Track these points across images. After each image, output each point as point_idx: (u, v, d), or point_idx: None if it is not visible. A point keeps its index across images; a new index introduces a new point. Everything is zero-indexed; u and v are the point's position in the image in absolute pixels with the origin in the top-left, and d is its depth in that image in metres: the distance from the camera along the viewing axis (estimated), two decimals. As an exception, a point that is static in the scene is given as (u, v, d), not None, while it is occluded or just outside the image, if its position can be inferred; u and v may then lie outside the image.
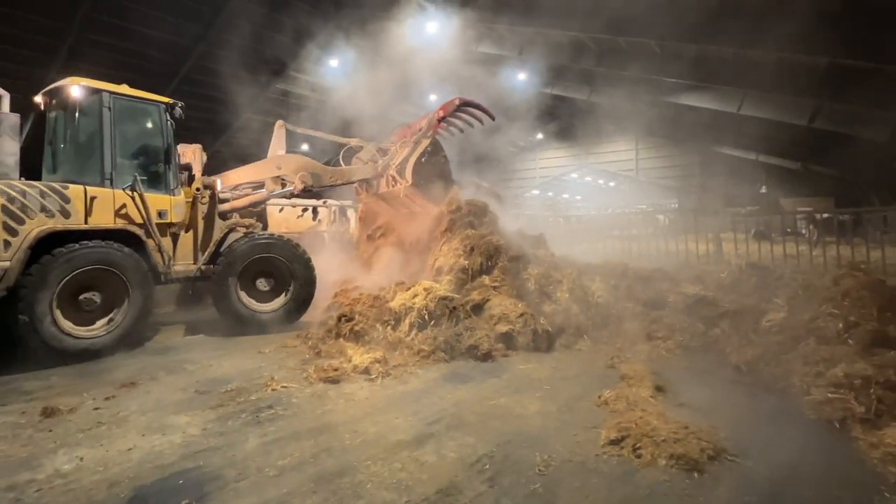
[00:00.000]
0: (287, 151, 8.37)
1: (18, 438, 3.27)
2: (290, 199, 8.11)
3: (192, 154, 7.56)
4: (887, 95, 12.74)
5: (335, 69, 20.11)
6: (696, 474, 2.64)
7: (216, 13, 17.20)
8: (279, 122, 7.97)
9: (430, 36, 15.72)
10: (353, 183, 8.45)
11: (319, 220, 14.04)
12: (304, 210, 14.10)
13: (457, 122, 8.22)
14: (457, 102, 7.88)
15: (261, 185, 7.27)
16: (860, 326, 4.04)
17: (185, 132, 6.31)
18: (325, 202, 13.95)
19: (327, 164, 8.35)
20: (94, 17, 15.43)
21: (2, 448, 3.13)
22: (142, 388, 4.28)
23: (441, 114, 7.77)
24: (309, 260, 6.87)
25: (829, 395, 3.44)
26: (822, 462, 2.82)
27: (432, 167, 7.63)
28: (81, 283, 5.18)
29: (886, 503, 2.40)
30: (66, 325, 5.08)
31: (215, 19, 17.42)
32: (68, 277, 5.02)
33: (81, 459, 2.95)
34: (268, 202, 7.95)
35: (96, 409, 3.78)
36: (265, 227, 13.94)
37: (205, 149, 7.73)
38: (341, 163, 8.38)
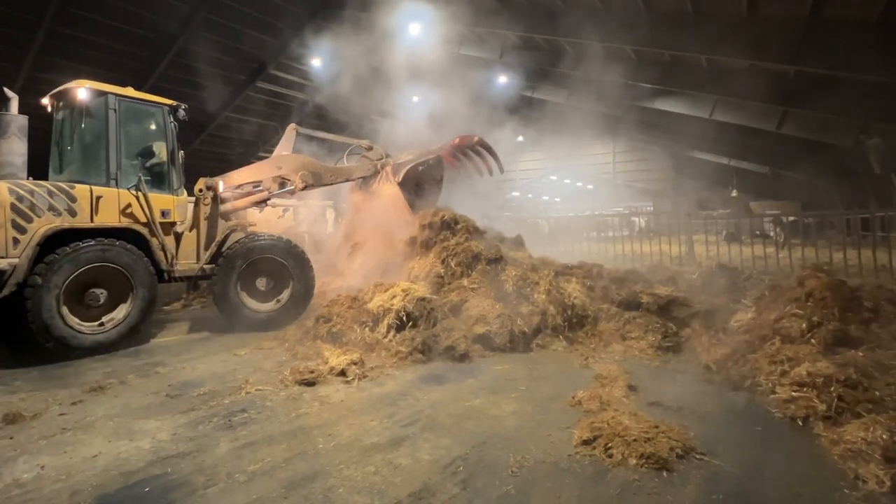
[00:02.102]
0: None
1: (-25, 447, 3.14)
2: (291, 196, 8.02)
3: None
4: (851, 103, 13.25)
5: (316, 68, 19.90)
6: (665, 473, 2.69)
7: (193, 9, 16.80)
8: (292, 125, 8.07)
9: (412, 38, 15.68)
10: (352, 181, 8.42)
11: (300, 221, 13.86)
12: (285, 210, 13.90)
13: (466, 159, 8.30)
14: (475, 139, 8.02)
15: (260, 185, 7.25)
16: (823, 326, 4.20)
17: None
18: (305, 202, 13.78)
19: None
20: (66, 11, 14.89)
21: (-43, 457, 3.00)
22: (110, 392, 4.16)
23: (457, 142, 7.91)
24: (308, 261, 6.97)
25: (793, 393, 3.55)
26: (785, 459, 2.90)
27: (425, 177, 7.67)
28: (87, 280, 5.29)
29: (845, 499, 2.48)
30: (73, 320, 5.19)
31: (192, 16, 17.01)
32: (74, 275, 5.14)
33: (43, 468, 2.85)
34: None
35: (61, 414, 3.67)
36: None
37: (185, 146, 7.60)
38: (345, 161, 8.33)
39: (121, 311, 5.54)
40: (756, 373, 4.01)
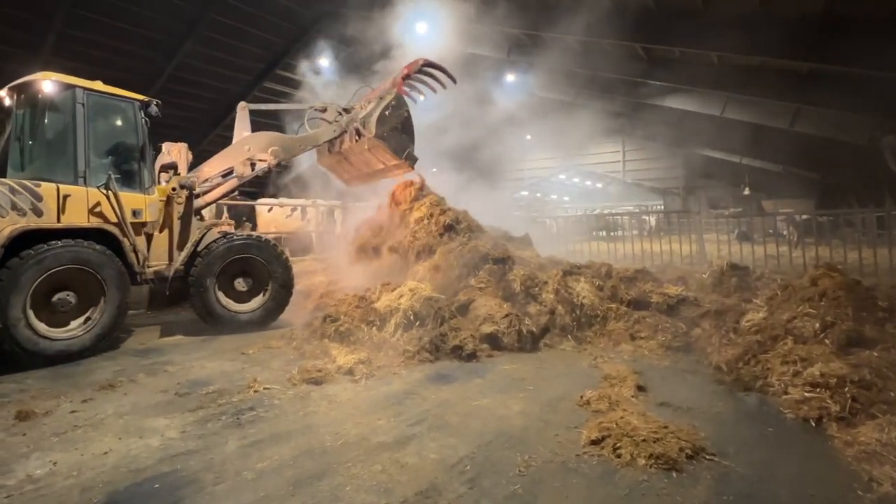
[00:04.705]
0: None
1: (-10, 443, 3.19)
2: (268, 173, 7.68)
3: (177, 152, 7.45)
4: (865, 100, 13.04)
5: (323, 68, 19.99)
6: (674, 473, 2.66)
7: (201, 10, 16.97)
8: (241, 104, 7.77)
9: (419, 37, 15.69)
10: (321, 145, 8.21)
11: (308, 220, 13.96)
12: (293, 210, 14.00)
13: (419, 85, 8.18)
14: (420, 62, 7.91)
15: (231, 173, 6.98)
16: (836, 326, 4.12)
17: (172, 130, 6.28)
18: (313, 202, 13.86)
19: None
20: (76, 14, 15.11)
21: (-28, 453, 3.05)
22: (120, 390, 4.21)
23: (405, 72, 7.77)
24: (287, 260, 6.84)
25: (806, 394, 3.50)
26: (798, 460, 2.86)
27: (395, 120, 7.56)
28: (55, 283, 5.04)
29: (859, 501, 2.44)
30: (41, 327, 4.96)
31: (201, 16, 17.18)
32: (42, 278, 4.89)
33: (55, 464, 2.88)
34: (256, 202, 7.73)
35: (72, 412, 3.71)
36: (254, 227, 13.78)
37: (193, 147, 7.58)
38: (307, 128, 8.11)
39: (92, 315, 5.31)
40: (768, 373, 3.95)
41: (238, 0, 17.13)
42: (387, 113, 7.43)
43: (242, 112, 7.61)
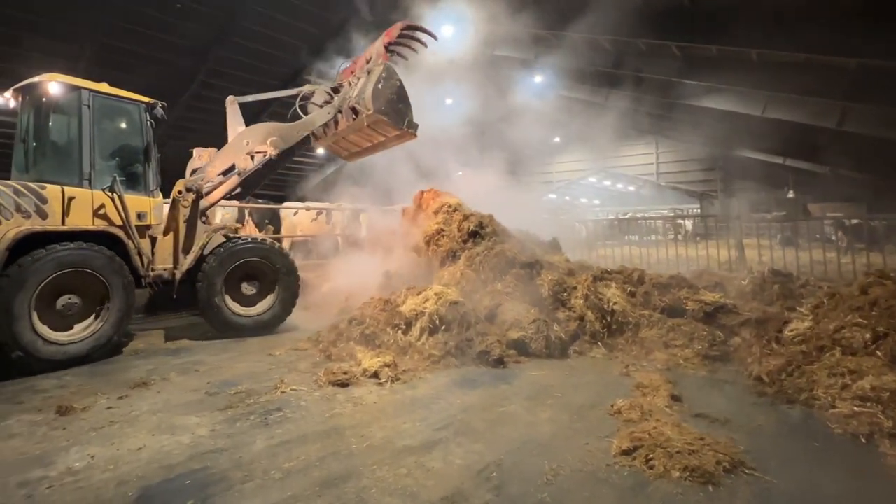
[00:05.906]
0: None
1: (33, 436, 3.34)
2: (269, 166, 7.63)
3: (207, 157, 7.59)
4: (920, 97, 12.28)
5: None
6: (710, 487, 2.54)
7: (230, 17, 17.55)
8: (230, 98, 7.65)
9: (444, 40, 15.74)
10: (317, 129, 7.98)
11: (333, 224, 14.13)
12: (318, 213, 14.20)
13: (402, 49, 8.10)
14: (400, 26, 7.84)
15: (232, 170, 6.92)
16: (889, 337, 3.85)
17: (203, 135, 6.36)
18: (339, 205, 14.05)
19: None
20: (108, 23, 15.83)
21: (17, 445, 3.20)
22: (153, 388, 4.34)
23: (387, 40, 7.70)
24: (291, 260, 6.88)
25: (856, 408, 3.29)
26: (846, 478, 2.67)
27: (389, 91, 7.52)
28: (59, 287, 5.03)
29: (916, 524, 2.26)
30: (61, 336, 5.01)
31: (229, 23, 17.75)
32: (45, 282, 4.86)
33: (93, 457, 2.99)
34: (282, 206, 7.67)
35: (109, 408, 3.85)
36: (278, 231, 13.96)
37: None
38: (299, 112, 8.01)
39: (97, 319, 5.29)
40: (813, 386, 3.73)
41: (265, 7, 17.61)
42: (380, 86, 7.30)
43: (232, 107, 7.53)
